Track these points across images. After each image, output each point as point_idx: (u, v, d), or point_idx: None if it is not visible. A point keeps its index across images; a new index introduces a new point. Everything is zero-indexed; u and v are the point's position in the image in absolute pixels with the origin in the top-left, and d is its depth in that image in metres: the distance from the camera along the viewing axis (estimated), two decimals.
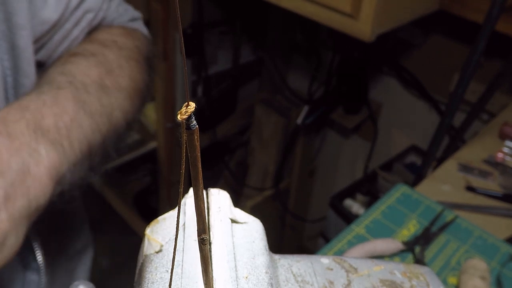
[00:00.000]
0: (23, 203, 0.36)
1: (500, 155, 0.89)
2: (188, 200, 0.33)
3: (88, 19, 0.55)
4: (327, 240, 1.42)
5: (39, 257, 0.50)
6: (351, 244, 0.69)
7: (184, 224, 0.31)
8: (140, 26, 0.62)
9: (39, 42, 0.52)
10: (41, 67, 0.52)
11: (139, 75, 0.55)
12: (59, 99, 0.43)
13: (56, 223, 0.61)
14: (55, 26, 0.52)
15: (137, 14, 0.63)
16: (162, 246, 0.30)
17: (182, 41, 0.19)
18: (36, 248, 0.49)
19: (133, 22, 0.61)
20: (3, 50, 0.45)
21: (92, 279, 0.76)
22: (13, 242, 0.36)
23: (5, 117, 0.38)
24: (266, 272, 0.29)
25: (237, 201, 1.80)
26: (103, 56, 0.51)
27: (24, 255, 0.50)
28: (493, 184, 0.84)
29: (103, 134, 0.47)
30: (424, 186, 0.84)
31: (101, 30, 0.57)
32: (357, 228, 0.72)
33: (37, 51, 0.52)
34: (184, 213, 0.32)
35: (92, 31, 0.57)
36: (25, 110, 0.40)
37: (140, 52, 0.57)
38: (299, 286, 0.32)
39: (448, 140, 1.10)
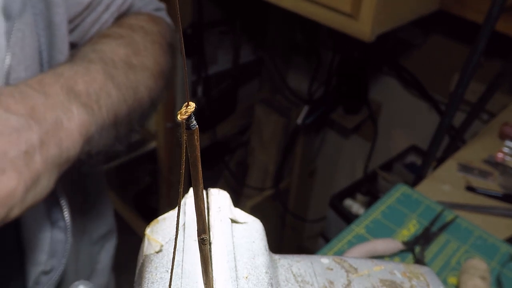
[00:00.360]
0: (56, 151, 0.40)
1: (500, 155, 0.89)
2: (188, 200, 0.33)
3: (118, 4, 0.59)
4: (327, 240, 1.42)
5: (66, 214, 0.52)
6: (351, 244, 0.69)
7: (184, 224, 0.31)
8: (164, 15, 0.67)
9: (73, 23, 0.56)
10: (73, 48, 0.56)
11: (163, 58, 0.59)
12: (90, 70, 0.47)
13: (80, 202, 0.63)
14: (88, 8, 0.56)
15: (161, 5, 0.67)
16: (162, 246, 0.30)
17: (182, 41, 0.19)
18: (63, 206, 0.52)
19: (157, 12, 0.66)
20: (41, 26, 0.48)
21: (113, 267, 0.77)
22: (45, 185, 0.39)
23: (42, 80, 0.43)
24: (266, 272, 0.29)
25: (237, 201, 1.80)
26: (131, 38, 0.56)
27: (52, 212, 0.52)
28: (493, 184, 0.84)
29: (128, 105, 0.51)
30: (424, 186, 0.84)
31: (129, 16, 0.61)
32: (357, 228, 0.72)
33: (70, 32, 0.56)
34: (184, 213, 0.32)
35: (120, 16, 0.61)
36: (60, 76, 0.44)
37: (164, 38, 0.61)
38: (299, 286, 0.32)
39: (448, 140, 1.10)
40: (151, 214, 1.87)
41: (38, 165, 0.38)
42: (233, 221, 0.32)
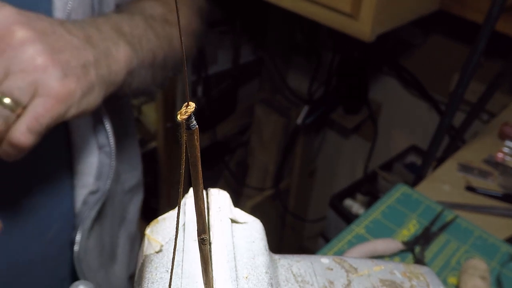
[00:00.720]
0: (106, 71, 0.48)
1: (500, 155, 0.89)
2: (188, 200, 0.33)
3: None
4: (327, 240, 1.42)
5: (111, 140, 0.59)
6: (351, 244, 0.69)
7: (184, 224, 0.31)
8: None
9: None
10: (117, 8, 0.64)
11: (194, 19, 0.68)
12: (134, 19, 0.56)
13: (117, 149, 0.70)
14: None
15: None
16: (162, 246, 0.30)
17: (182, 41, 0.19)
18: (109, 132, 0.59)
19: None
20: None
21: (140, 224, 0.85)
22: (96, 96, 0.47)
23: (95, 20, 0.52)
24: (266, 272, 0.29)
25: (237, 201, 1.80)
26: (167, 0, 0.64)
27: (99, 137, 0.59)
28: (493, 184, 0.84)
29: (164, 52, 0.59)
30: (424, 186, 0.84)
31: None
32: (357, 228, 0.72)
33: None
34: (184, 213, 0.32)
35: None
36: (109, 19, 0.53)
37: (195, 2, 0.71)
38: (299, 286, 0.32)
39: (448, 140, 1.10)
40: (151, 214, 1.87)
41: (93, 77, 0.46)
42: (233, 221, 0.32)
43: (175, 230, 0.22)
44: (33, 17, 0.44)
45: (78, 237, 0.60)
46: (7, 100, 0.41)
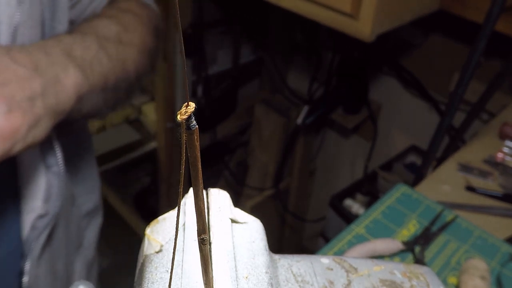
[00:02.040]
0: (53, 101, 0.46)
1: (500, 155, 0.89)
2: (188, 200, 0.33)
3: None
4: (327, 240, 1.42)
5: (60, 159, 0.57)
6: (351, 244, 0.69)
7: (184, 224, 0.31)
8: (151, 2, 0.74)
9: (72, 1, 0.62)
10: (71, 25, 0.63)
11: (149, 38, 0.66)
12: (86, 40, 0.54)
13: (71, 173, 0.67)
14: None
15: None
16: (162, 246, 0.30)
17: (182, 41, 0.19)
18: (57, 151, 0.57)
19: None
20: (45, 0, 0.54)
21: (99, 249, 0.82)
22: (44, 128, 0.45)
23: (45, 43, 0.50)
24: (266, 272, 0.29)
25: (237, 201, 1.80)
26: (121, 19, 0.62)
27: (46, 157, 0.57)
28: (493, 184, 0.84)
29: (117, 75, 0.57)
30: (424, 186, 0.84)
31: (120, 1, 0.68)
32: (357, 228, 0.72)
33: (70, 8, 0.61)
34: (184, 213, 0.32)
35: (112, 1, 0.68)
36: (60, 41, 0.51)
37: (151, 21, 0.68)
38: (299, 286, 0.32)
39: (448, 140, 1.10)
40: (151, 214, 1.87)
41: (39, 109, 0.44)
42: (233, 221, 0.32)
43: (175, 230, 0.22)
44: None
45: (27, 266, 0.56)
46: None
